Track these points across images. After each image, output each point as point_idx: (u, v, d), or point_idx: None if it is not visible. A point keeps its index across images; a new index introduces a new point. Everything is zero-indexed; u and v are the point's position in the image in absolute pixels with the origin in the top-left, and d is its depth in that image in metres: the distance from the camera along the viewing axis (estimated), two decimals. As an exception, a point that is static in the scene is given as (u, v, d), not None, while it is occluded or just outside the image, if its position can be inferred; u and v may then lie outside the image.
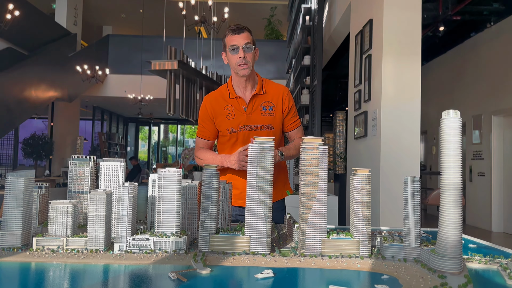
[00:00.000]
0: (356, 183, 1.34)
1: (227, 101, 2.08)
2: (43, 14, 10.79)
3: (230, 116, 2.05)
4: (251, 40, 1.98)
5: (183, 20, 7.68)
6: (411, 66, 3.94)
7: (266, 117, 2.06)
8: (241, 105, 2.06)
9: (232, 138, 2.08)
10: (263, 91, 2.08)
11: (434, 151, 9.65)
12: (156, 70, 7.40)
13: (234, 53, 1.96)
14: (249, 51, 1.97)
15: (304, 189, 1.33)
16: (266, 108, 2.06)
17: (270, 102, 2.08)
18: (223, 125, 2.07)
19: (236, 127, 2.05)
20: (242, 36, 1.95)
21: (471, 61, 8.09)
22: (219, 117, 2.08)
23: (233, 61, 1.97)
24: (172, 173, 1.34)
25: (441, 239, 1.19)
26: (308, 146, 1.35)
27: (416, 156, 3.89)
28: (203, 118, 2.13)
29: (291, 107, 2.13)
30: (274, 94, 2.10)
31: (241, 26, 1.98)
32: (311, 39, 6.60)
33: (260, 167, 1.35)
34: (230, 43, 1.96)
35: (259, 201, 1.34)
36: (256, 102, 2.07)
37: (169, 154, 21.71)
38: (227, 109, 2.06)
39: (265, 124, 2.05)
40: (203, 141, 2.17)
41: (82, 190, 1.55)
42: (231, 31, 1.96)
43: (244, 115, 2.05)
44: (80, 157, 1.56)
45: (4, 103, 8.43)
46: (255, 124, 2.05)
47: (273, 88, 2.12)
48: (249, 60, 1.97)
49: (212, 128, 2.12)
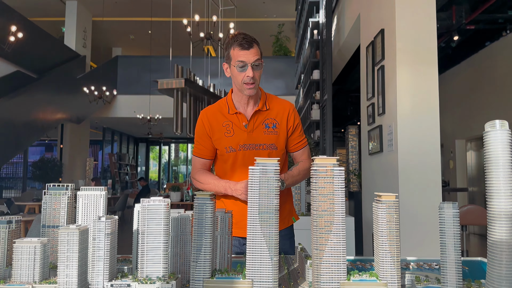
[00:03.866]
0: (381, 212, 1.10)
1: (226, 116, 1.86)
2: (52, 38, 10.87)
3: (229, 134, 1.84)
4: (259, 55, 1.78)
5: (189, 39, 7.58)
6: (427, 76, 3.70)
7: (268, 135, 1.85)
8: (241, 121, 1.84)
9: (231, 158, 1.85)
10: (266, 107, 1.87)
11: (451, 166, 9.29)
12: (163, 89, 7.29)
13: (241, 70, 1.75)
14: (257, 69, 1.76)
15: (317, 220, 1.10)
16: (269, 125, 1.85)
17: (274, 119, 1.87)
18: (221, 143, 1.85)
19: (236, 146, 1.83)
20: (252, 52, 1.73)
21: (487, 71, 7.81)
22: (217, 134, 1.86)
23: (239, 78, 1.77)
24: (158, 203, 1.12)
25: (493, 278, 0.94)
26: (320, 167, 1.12)
27: (437, 173, 3.61)
28: (200, 135, 1.90)
29: (296, 125, 1.92)
30: (279, 111, 1.89)
31: (250, 38, 1.76)
32: (320, 53, 6.42)
33: (263, 194, 1.12)
34: (237, 58, 1.74)
35: (262, 236, 1.10)
36: (258, 118, 1.86)
37: (180, 173, 21.57)
38: (225, 125, 1.85)
39: (267, 144, 1.84)
40: (200, 160, 1.94)
41: (58, 224, 1.33)
42: (240, 45, 1.73)
43: (244, 132, 1.83)
44: (57, 185, 1.35)
45: (11, 126, 8.39)
46: (257, 143, 1.83)
47: (277, 104, 1.91)
48: (257, 78, 1.77)
49: (209, 145, 1.90)
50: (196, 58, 10.76)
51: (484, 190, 6.73)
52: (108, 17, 12.74)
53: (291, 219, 1.96)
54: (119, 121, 14.23)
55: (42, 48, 10.22)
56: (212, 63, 10.86)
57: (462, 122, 8.76)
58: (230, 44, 1.78)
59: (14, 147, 8.74)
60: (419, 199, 3.54)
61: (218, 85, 9.49)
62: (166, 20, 11.45)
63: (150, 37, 13.93)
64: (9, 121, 8.35)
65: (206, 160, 1.94)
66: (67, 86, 10.66)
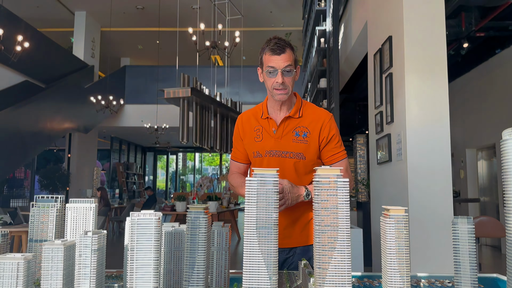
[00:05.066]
0: (389, 227, 1.01)
1: (259, 121, 1.83)
2: (60, 48, 10.97)
3: (258, 138, 1.80)
4: (292, 61, 1.70)
5: (196, 48, 7.57)
6: (436, 83, 3.60)
7: (297, 144, 1.75)
8: (271, 127, 1.79)
9: (257, 163, 1.81)
10: (299, 114, 1.79)
11: (462, 175, 9.10)
12: (170, 98, 7.27)
13: (271, 76, 1.69)
14: (289, 75, 1.69)
15: (320, 236, 1.01)
16: (300, 133, 1.76)
17: (306, 127, 1.77)
18: (250, 147, 1.83)
19: (263, 151, 1.78)
20: (283, 58, 1.67)
21: (498, 79, 7.67)
22: (247, 138, 1.84)
23: (269, 83, 1.72)
24: (148, 217, 1.04)
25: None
26: (322, 179, 1.03)
27: (448, 183, 3.49)
28: (236, 138, 1.90)
29: (332, 137, 1.78)
30: (313, 119, 1.78)
31: (282, 43, 1.68)
32: (327, 62, 6.36)
33: (261, 207, 1.04)
34: (268, 63, 1.68)
35: (260, 253, 1.02)
36: (288, 125, 1.77)
37: (188, 183, 21.53)
38: (256, 130, 1.82)
39: (295, 152, 1.75)
40: (236, 164, 1.92)
41: (46, 238, 1.26)
42: (271, 51, 1.67)
43: (272, 138, 1.77)
44: (45, 197, 1.28)
45: (18, 136, 8.42)
46: (284, 150, 1.75)
47: (312, 113, 1.81)
48: (288, 84, 1.70)
49: (243, 149, 1.87)
50: (203, 68, 10.76)
51: (496, 200, 6.50)
52: (116, 28, 12.85)
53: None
54: (127, 130, 14.27)
55: (50, 58, 10.31)
56: (219, 73, 10.85)
57: (473, 131, 8.59)
58: (263, 48, 1.74)
59: (21, 156, 8.76)
60: (430, 211, 3.42)
61: (225, 94, 9.45)
62: (173, 30, 11.50)
63: (158, 47, 14.01)
64: (16, 131, 8.38)
65: (240, 164, 1.91)
66: (74, 95, 10.72)
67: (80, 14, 12.26)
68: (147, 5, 11.74)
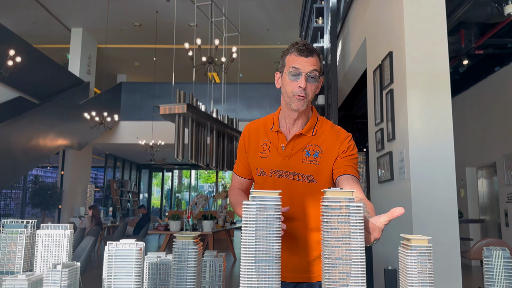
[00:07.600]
0: (410, 260, 0.86)
1: (267, 134, 1.60)
2: (56, 64, 10.88)
3: (264, 154, 1.58)
4: (319, 68, 1.50)
5: (192, 64, 7.50)
6: (440, 99, 3.49)
7: (307, 164, 1.52)
8: (280, 142, 1.56)
9: (259, 182, 1.60)
10: (313, 132, 1.57)
11: (462, 194, 8.96)
12: (166, 115, 7.15)
13: (294, 79, 1.48)
14: (313, 81, 1.49)
15: (330, 271, 0.86)
16: (310, 153, 1.53)
17: (318, 146, 1.54)
18: (254, 163, 1.60)
19: (268, 170, 1.55)
20: (310, 61, 1.47)
21: (497, 97, 7.61)
22: (252, 152, 1.61)
23: (289, 88, 1.49)
24: (128, 248, 0.89)
25: None
26: (332, 203, 0.89)
27: (454, 203, 3.34)
28: (240, 149, 1.68)
29: (351, 155, 1.54)
30: (327, 137, 1.56)
31: (311, 47, 1.49)
32: (325, 78, 6.28)
33: (261, 237, 0.89)
34: (292, 64, 1.48)
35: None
36: (299, 143, 1.55)
37: (183, 200, 21.24)
38: (263, 144, 1.59)
39: (304, 174, 1.52)
40: (237, 178, 1.70)
41: (13, 270, 1.10)
42: (298, 51, 1.48)
43: (280, 156, 1.55)
44: (15, 222, 1.12)
45: (10, 153, 8.22)
46: (292, 171, 1.53)
47: (328, 131, 1.58)
48: (309, 92, 1.49)
49: (247, 163, 1.65)
50: (199, 85, 10.69)
51: (497, 220, 6.32)
52: (113, 44, 12.82)
53: None
54: (122, 147, 14.10)
55: (45, 74, 10.20)
56: (215, 89, 10.77)
57: (472, 149, 8.50)
58: (287, 50, 1.54)
59: (12, 173, 8.55)
60: (435, 232, 3.26)
61: (222, 111, 9.34)
62: (170, 48, 11.48)
63: (155, 64, 13.98)
64: (8, 147, 8.19)
65: (243, 179, 1.69)
66: (69, 112, 10.59)
67: (76, 30, 12.24)
68: (144, 22, 11.74)
